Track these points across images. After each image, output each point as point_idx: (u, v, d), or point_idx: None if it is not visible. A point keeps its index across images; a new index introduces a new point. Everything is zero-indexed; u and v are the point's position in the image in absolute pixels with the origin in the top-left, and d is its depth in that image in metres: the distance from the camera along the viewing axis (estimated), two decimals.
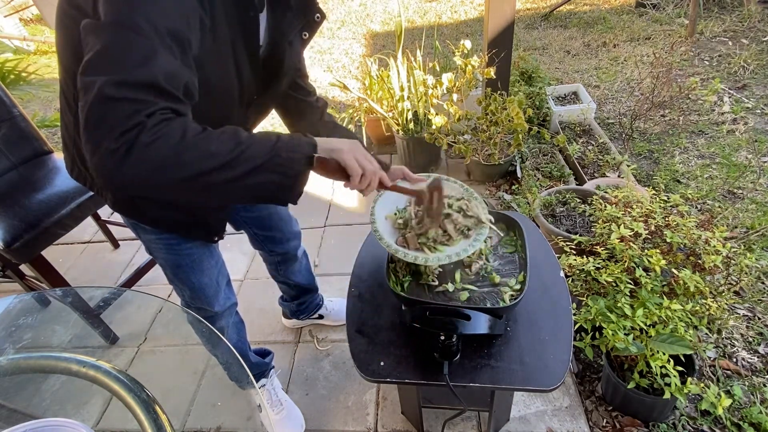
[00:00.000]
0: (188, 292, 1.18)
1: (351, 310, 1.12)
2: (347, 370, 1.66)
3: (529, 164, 2.44)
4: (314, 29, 0.90)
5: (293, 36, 0.88)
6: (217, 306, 1.23)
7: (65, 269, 2.32)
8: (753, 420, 1.31)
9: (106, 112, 0.59)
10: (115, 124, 0.59)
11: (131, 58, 0.61)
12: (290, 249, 1.49)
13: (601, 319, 1.23)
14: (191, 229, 1.07)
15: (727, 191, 2.18)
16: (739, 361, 1.50)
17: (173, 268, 1.13)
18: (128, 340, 1.56)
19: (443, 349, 0.93)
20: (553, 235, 1.72)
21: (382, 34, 4.78)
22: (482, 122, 2.31)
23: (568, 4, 4.62)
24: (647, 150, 2.54)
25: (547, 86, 2.85)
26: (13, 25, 5.27)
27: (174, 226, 1.05)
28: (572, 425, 1.40)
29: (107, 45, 0.61)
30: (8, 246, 1.46)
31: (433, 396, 1.34)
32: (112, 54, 0.61)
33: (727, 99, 2.82)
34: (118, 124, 0.59)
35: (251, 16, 0.78)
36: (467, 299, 1.01)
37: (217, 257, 1.21)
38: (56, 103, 4.11)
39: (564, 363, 0.94)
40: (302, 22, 0.87)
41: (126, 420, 0.83)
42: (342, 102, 3.59)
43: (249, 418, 1.03)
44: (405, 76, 2.47)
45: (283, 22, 0.84)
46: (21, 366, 1.03)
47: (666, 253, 1.34)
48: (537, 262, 1.14)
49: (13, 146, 1.75)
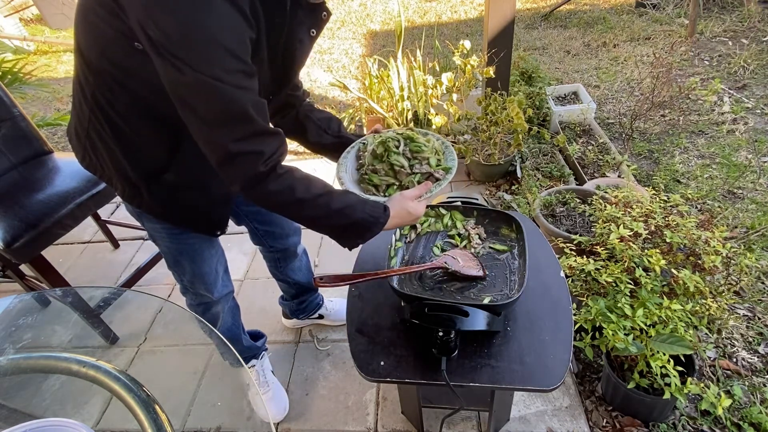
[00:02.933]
0: (188, 278, 1.22)
1: (351, 310, 1.12)
2: (347, 370, 1.66)
3: (529, 164, 2.44)
4: (321, 26, 0.92)
5: (303, 33, 0.90)
6: (216, 293, 1.27)
7: (65, 269, 2.32)
8: (753, 420, 1.31)
9: (236, 165, 0.80)
10: (241, 175, 0.81)
11: (234, 113, 0.74)
12: (290, 245, 1.50)
13: (601, 319, 1.23)
14: (194, 223, 1.11)
15: (727, 191, 2.18)
16: (739, 361, 1.50)
17: (175, 256, 1.17)
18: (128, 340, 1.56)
19: (441, 345, 0.94)
20: (553, 236, 1.72)
21: (382, 34, 4.78)
22: (482, 122, 2.31)
23: (568, 4, 4.62)
24: (647, 150, 2.54)
25: (547, 86, 2.85)
26: (13, 25, 5.27)
27: (178, 219, 1.08)
28: (572, 425, 1.40)
29: (208, 103, 0.72)
30: (8, 246, 1.46)
31: (433, 396, 1.34)
32: (216, 112, 0.74)
33: (727, 99, 2.82)
34: (243, 174, 0.81)
35: (277, 22, 0.81)
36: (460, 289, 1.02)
37: (218, 246, 1.24)
38: (56, 104, 4.11)
39: (564, 363, 0.94)
40: (311, 20, 0.89)
41: (126, 420, 0.83)
42: (342, 102, 3.59)
43: (249, 417, 1.03)
44: (405, 76, 2.47)
45: (294, 20, 0.86)
46: (21, 366, 1.03)
47: (666, 253, 1.34)
48: (537, 262, 1.14)
49: (13, 146, 1.75)
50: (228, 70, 0.70)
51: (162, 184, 0.98)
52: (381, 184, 1.04)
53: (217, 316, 1.35)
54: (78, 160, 1.02)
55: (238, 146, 0.77)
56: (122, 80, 0.82)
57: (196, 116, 0.75)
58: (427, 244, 1.20)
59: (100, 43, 0.78)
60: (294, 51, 0.91)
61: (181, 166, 0.96)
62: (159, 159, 0.95)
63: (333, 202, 0.90)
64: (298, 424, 1.52)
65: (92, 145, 0.95)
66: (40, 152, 1.82)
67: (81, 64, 0.84)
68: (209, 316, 1.33)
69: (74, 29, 0.83)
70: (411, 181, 1.02)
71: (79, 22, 0.80)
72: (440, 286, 1.08)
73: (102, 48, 0.78)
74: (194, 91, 0.71)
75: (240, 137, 0.77)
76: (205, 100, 0.72)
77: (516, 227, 1.17)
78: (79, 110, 0.92)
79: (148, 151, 0.94)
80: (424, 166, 1.03)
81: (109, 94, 0.85)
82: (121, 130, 0.89)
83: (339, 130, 1.17)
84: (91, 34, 0.79)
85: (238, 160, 0.78)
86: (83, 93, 0.87)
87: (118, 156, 0.93)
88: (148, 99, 0.84)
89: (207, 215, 1.11)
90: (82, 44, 0.82)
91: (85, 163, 1.01)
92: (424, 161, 1.03)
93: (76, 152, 1.01)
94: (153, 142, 0.93)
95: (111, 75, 0.82)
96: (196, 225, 1.11)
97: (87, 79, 0.85)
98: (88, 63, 0.82)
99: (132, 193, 1.00)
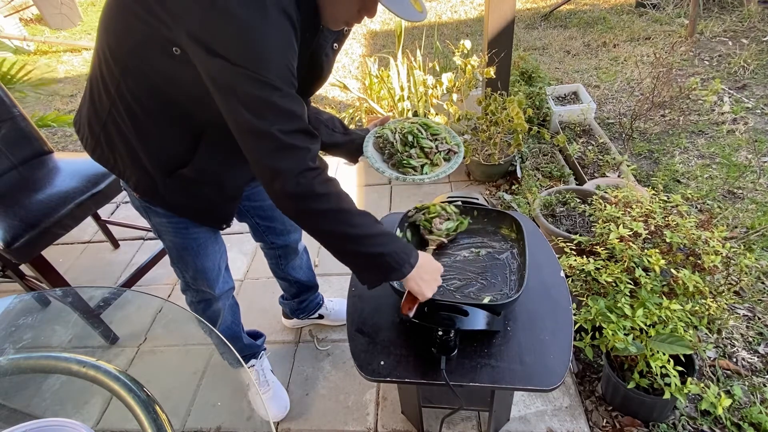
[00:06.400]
0: (191, 274, 1.23)
1: (351, 310, 1.12)
2: (347, 370, 1.66)
3: (529, 164, 2.44)
4: (343, 41, 0.99)
5: (328, 48, 0.96)
6: (217, 289, 1.29)
7: (65, 269, 2.32)
8: (753, 420, 1.31)
9: (287, 158, 0.79)
10: (292, 168, 0.79)
11: (283, 110, 0.76)
12: (291, 242, 1.50)
13: (601, 319, 1.23)
14: (203, 216, 1.13)
15: (727, 191, 2.18)
16: (739, 361, 1.50)
17: (179, 251, 1.18)
18: (128, 340, 1.56)
19: (441, 344, 0.94)
20: (553, 235, 1.72)
21: (382, 34, 4.78)
22: (482, 122, 2.31)
23: (568, 4, 4.62)
24: (647, 150, 2.54)
25: (547, 86, 2.85)
26: (13, 25, 5.26)
27: (188, 212, 1.10)
28: (572, 425, 1.40)
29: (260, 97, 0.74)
30: (8, 246, 1.46)
31: (433, 396, 1.34)
32: (269, 106, 0.75)
33: (727, 99, 2.82)
34: (294, 167, 0.79)
35: (308, 36, 0.84)
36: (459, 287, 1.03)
37: (221, 242, 1.26)
38: (56, 104, 4.11)
39: (564, 363, 0.94)
40: (334, 35, 0.95)
41: (126, 420, 0.83)
42: (342, 102, 3.59)
43: (249, 417, 1.03)
44: (405, 75, 2.47)
45: (321, 36, 0.91)
46: (21, 366, 1.03)
47: (666, 253, 1.34)
48: (537, 262, 1.14)
49: (13, 146, 1.75)
50: (280, 76, 0.75)
51: (178, 178, 0.99)
52: (417, 165, 1.15)
53: (218, 313, 1.36)
54: (87, 151, 1.02)
55: (289, 138, 0.77)
56: (153, 79, 0.84)
57: (244, 110, 0.75)
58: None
59: (132, 40, 0.79)
60: (322, 64, 0.96)
61: (199, 163, 0.98)
62: (179, 155, 0.96)
63: (372, 225, 0.87)
64: (298, 424, 1.52)
65: (108, 138, 0.96)
66: (40, 152, 1.82)
67: (106, 58, 0.85)
68: (210, 313, 1.33)
69: (101, 21, 0.84)
70: (438, 158, 1.15)
71: (111, 17, 0.81)
72: (440, 285, 1.07)
73: (134, 45, 0.80)
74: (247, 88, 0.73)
75: (289, 130, 0.78)
76: (258, 96, 0.74)
77: (516, 227, 1.17)
78: (96, 102, 0.93)
79: (169, 147, 0.96)
80: (444, 144, 1.17)
81: (136, 90, 0.86)
82: (143, 125, 0.91)
83: (344, 128, 1.21)
84: (123, 30, 0.80)
85: (290, 152, 0.78)
86: (105, 86, 0.88)
87: (137, 149, 0.94)
88: (176, 99, 0.86)
89: (217, 209, 1.13)
90: (110, 38, 0.83)
91: (96, 155, 1.02)
92: (443, 140, 1.18)
93: (86, 144, 1.02)
94: (175, 138, 0.94)
95: (141, 72, 0.83)
96: (205, 218, 1.13)
97: (112, 72, 0.85)
98: (116, 57, 0.83)
99: (147, 186, 1.01)
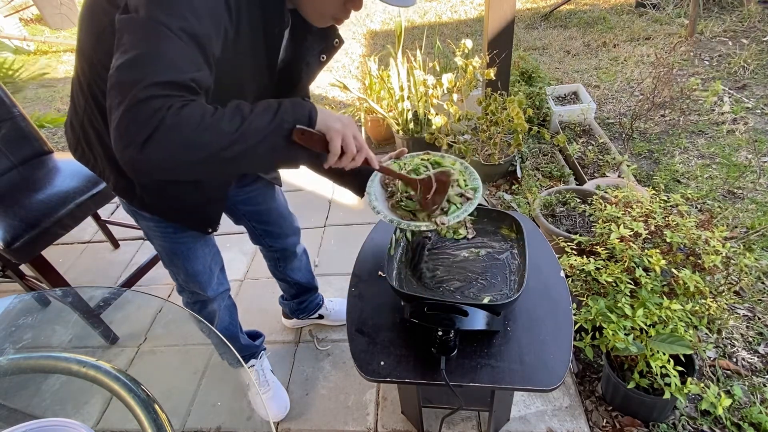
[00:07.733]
0: (182, 277, 1.23)
1: (351, 310, 1.12)
2: (347, 370, 1.66)
3: (529, 164, 2.44)
4: (332, 53, 0.95)
5: (311, 58, 0.93)
6: (210, 291, 1.28)
7: (65, 269, 2.32)
8: (753, 420, 1.31)
9: (139, 110, 0.63)
10: (146, 118, 0.63)
11: (165, 60, 0.65)
12: (289, 245, 1.50)
13: (601, 319, 1.23)
14: (185, 219, 1.10)
15: (727, 191, 2.18)
16: (739, 361, 1.50)
17: (169, 255, 1.18)
18: (128, 340, 1.56)
19: (441, 344, 0.94)
20: (554, 235, 1.72)
21: (382, 34, 4.78)
22: (482, 122, 2.31)
23: (568, 4, 4.62)
24: (647, 150, 2.54)
25: (547, 86, 2.85)
26: (13, 25, 5.26)
27: (169, 215, 1.08)
28: (572, 425, 1.40)
29: (143, 47, 0.65)
30: (8, 246, 1.46)
31: (433, 396, 1.34)
32: (148, 57, 0.65)
33: (727, 99, 2.82)
34: (148, 116, 0.63)
35: (276, 32, 0.82)
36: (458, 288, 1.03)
37: (212, 246, 1.25)
38: (56, 104, 4.11)
39: (564, 363, 0.94)
40: (321, 45, 0.92)
41: (126, 420, 0.83)
42: (342, 102, 3.59)
43: (249, 417, 1.03)
44: (405, 76, 2.47)
45: (302, 45, 0.89)
46: (21, 366, 1.03)
47: (666, 253, 1.34)
48: (537, 262, 1.14)
49: (13, 146, 1.75)
50: (186, 32, 0.66)
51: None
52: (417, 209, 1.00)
53: (214, 314, 1.35)
54: (71, 151, 1.02)
55: (152, 90, 0.63)
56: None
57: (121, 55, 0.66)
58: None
59: (95, 33, 0.79)
60: (300, 72, 0.94)
61: None
62: None
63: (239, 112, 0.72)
64: (298, 424, 1.52)
65: (86, 137, 0.95)
66: (40, 152, 1.82)
67: (79, 57, 0.86)
68: (205, 315, 1.33)
69: (78, 23, 0.85)
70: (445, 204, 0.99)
71: (83, 16, 0.82)
72: (440, 285, 1.08)
73: (97, 38, 0.79)
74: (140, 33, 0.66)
75: (156, 82, 0.64)
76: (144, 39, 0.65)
77: (516, 227, 1.17)
78: (76, 102, 0.93)
79: None
80: (455, 188, 1.00)
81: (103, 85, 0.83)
82: None
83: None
84: (90, 26, 0.80)
85: (144, 104, 0.63)
86: (80, 84, 0.89)
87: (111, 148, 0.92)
88: None
89: (199, 211, 1.10)
90: (81, 36, 0.83)
91: (77, 154, 1.01)
92: (455, 183, 1.01)
93: (70, 144, 1.01)
94: None
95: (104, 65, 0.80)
96: (188, 221, 1.11)
97: (83, 70, 0.86)
98: (85, 54, 0.84)
99: (124, 186, 0.99)
